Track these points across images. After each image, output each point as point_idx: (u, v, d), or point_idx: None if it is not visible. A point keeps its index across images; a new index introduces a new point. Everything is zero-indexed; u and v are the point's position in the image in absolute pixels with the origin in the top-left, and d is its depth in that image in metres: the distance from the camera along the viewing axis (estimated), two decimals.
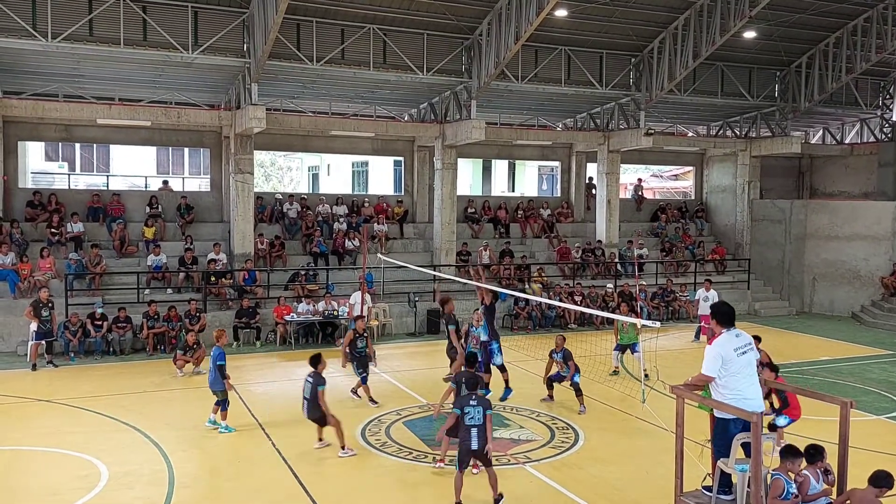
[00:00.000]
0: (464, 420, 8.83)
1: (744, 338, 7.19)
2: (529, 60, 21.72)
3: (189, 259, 20.23)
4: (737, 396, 6.94)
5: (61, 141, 26.04)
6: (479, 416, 8.80)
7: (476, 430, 8.77)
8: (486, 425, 8.83)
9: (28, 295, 17.96)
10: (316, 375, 10.67)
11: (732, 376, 6.99)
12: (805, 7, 21.34)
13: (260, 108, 19.03)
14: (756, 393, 7.07)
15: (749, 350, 7.15)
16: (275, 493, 9.38)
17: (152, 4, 17.86)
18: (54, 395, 13.84)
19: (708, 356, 7.10)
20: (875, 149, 28.79)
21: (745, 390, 6.98)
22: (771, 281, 26.93)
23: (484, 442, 8.79)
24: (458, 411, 8.96)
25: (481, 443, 8.78)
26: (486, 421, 8.84)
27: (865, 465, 10.04)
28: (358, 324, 13.76)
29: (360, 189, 36.03)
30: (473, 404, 8.87)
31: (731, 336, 7.14)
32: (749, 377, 7.06)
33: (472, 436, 8.77)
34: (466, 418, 8.81)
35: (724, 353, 7.02)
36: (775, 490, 6.79)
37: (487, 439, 8.83)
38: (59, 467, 10.19)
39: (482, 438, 8.79)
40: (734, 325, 7.25)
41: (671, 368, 14.03)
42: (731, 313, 7.29)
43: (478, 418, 8.80)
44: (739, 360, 7.03)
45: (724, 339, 7.15)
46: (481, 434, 8.79)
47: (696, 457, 7.79)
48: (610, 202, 25.43)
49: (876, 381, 15.66)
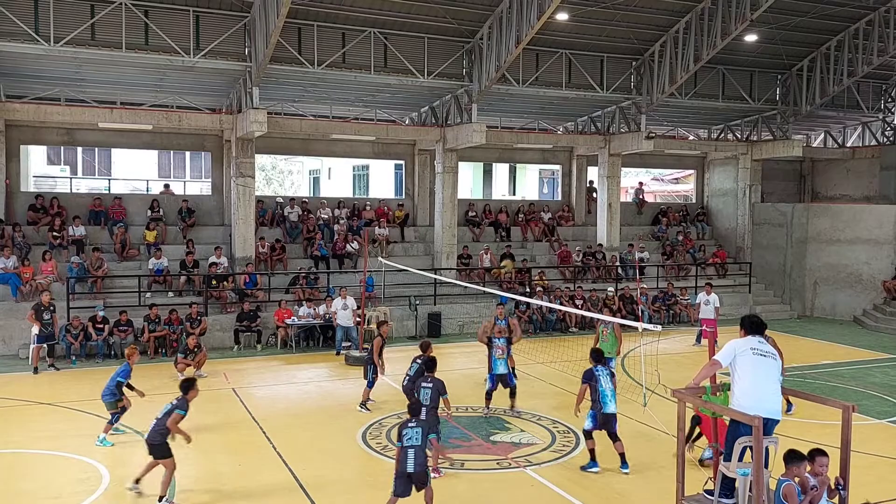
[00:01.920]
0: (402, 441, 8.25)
1: (766, 346, 7.22)
2: (530, 64, 21.75)
3: (190, 262, 20.24)
4: (748, 395, 6.87)
5: (63, 145, 26.05)
6: (418, 437, 8.22)
7: (413, 451, 8.16)
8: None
9: (30, 298, 17.97)
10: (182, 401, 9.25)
11: (745, 373, 6.94)
12: (806, 10, 21.35)
13: (261, 112, 19.07)
14: (769, 394, 6.95)
15: (768, 355, 7.11)
16: (276, 496, 9.37)
17: (154, 8, 17.91)
18: (56, 399, 13.84)
19: (724, 348, 7.17)
20: (877, 152, 28.77)
21: (754, 390, 6.88)
22: (772, 285, 26.91)
23: (422, 465, 8.18)
24: (399, 444, 8.27)
25: (418, 466, 8.14)
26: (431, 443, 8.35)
27: (867, 469, 10.06)
28: (383, 329, 13.54)
29: (360, 193, 36.04)
30: (412, 426, 8.30)
31: (753, 339, 7.19)
32: (763, 378, 6.96)
33: (409, 458, 8.14)
34: (404, 439, 8.22)
35: (738, 346, 7.07)
36: (792, 497, 6.74)
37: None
38: (61, 470, 10.19)
39: (420, 461, 8.16)
40: (762, 334, 7.29)
41: (672, 372, 14.01)
42: (756, 325, 7.32)
43: (416, 439, 8.21)
44: (753, 358, 7.01)
45: (745, 339, 7.21)
46: (419, 456, 8.16)
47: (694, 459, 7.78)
48: (611, 205, 25.44)
49: (878, 385, 15.64)
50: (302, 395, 14.58)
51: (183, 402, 9.17)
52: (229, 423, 12.47)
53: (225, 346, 18.84)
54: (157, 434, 9.05)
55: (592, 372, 10.28)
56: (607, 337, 14.20)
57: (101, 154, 36.38)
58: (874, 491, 9.38)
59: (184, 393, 9.24)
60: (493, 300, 21.68)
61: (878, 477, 10.11)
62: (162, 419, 9.06)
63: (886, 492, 9.58)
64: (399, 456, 8.22)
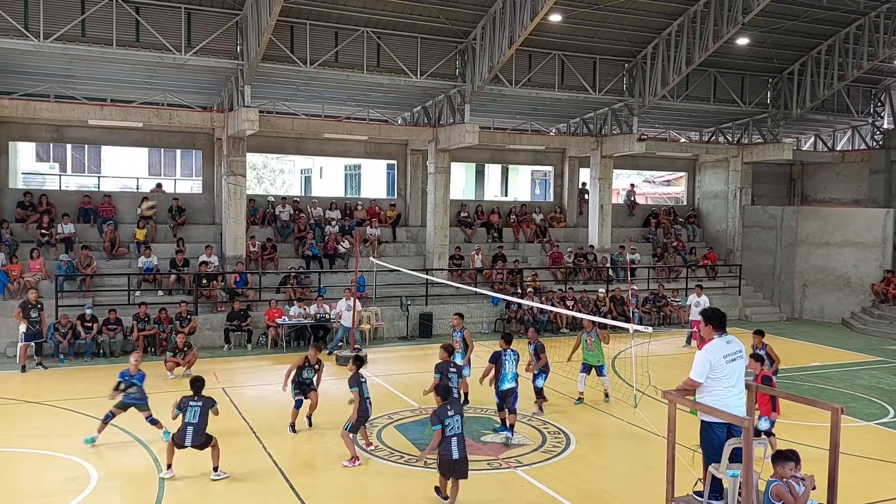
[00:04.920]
0: (444, 432, 8.66)
1: (735, 344, 7.22)
2: (523, 65, 21.76)
3: (180, 261, 20.15)
4: (718, 403, 6.98)
5: (52, 141, 25.91)
6: (458, 425, 8.72)
7: (456, 439, 8.67)
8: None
9: (18, 296, 17.85)
10: (205, 399, 10.00)
11: (717, 381, 7.04)
12: (798, 14, 21.45)
13: (253, 111, 19.01)
14: (739, 402, 7.11)
15: (739, 357, 7.19)
16: (266, 496, 9.34)
17: (145, 5, 17.82)
18: (43, 397, 13.75)
19: (697, 361, 7.14)
20: (866, 156, 28.94)
21: (727, 398, 7.01)
22: (762, 287, 27.02)
23: (465, 450, 8.75)
24: (439, 426, 8.67)
25: (462, 452, 8.70)
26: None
27: (856, 471, 10.11)
28: (310, 354, 12.27)
29: (352, 192, 35.99)
30: (451, 414, 8.74)
31: (722, 342, 7.18)
32: (735, 386, 7.10)
33: (453, 446, 8.64)
34: (447, 430, 8.65)
35: (712, 359, 7.06)
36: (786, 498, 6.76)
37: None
38: (49, 469, 10.12)
39: (463, 448, 8.70)
40: (726, 330, 7.28)
41: (662, 373, 14.05)
42: (722, 318, 7.34)
43: (457, 428, 8.70)
44: (727, 367, 7.07)
45: (714, 344, 7.18)
46: (461, 443, 8.68)
47: (687, 462, 7.79)
48: (602, 207, 25.49)
49: (866, 388, 15.72)
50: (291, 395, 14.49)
51: (208, 400, 9.91)
52: (219, 423, 12.39)
53: (215, 346, 18.76)
54: (201, 434, 9.72)
55: (500, 354, 11.67)
56: (592, 346, 13.69)
57: (90, 151, 36.23)
58: (862, 493, 9.44)
59: (201, 389, 9.97)
60: (485, 301, 21.75)
61: (867, 479, 10.15)
62: (201, 422, 9.70)
63: (875, 493, 9.63)
64: (440, 445, 8.59)
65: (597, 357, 13.71)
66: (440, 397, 8.93)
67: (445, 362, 11.57)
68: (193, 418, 9.68)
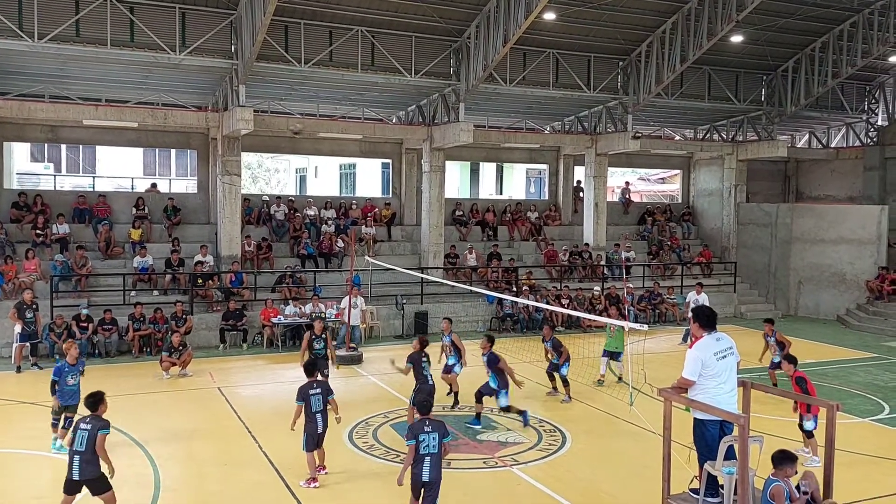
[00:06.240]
0: (418, 448, 7.85)
1: (725, 341, 7.25)
2: (518, 63, 21.76)
3: (175, 261, 20.12)
4: (710, 400, 7.01)
5: (47, 142, 25.84)
6: (434, 443, 7.85)
7: (429, 459, 7.82)
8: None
9: (13, 296, 17.80)
10: (95, 419, 8.02)
11: (709, 379, 7.07)
12: (792, 12, 21.48)
13: (247, 110, 18.96)
14: (731, 399, 7.14)
15: (729, 354, 7.21)
16: (261, 496, 9.33)
17: (139, 5, 17.77)
18: (39, 398, 13.69)
19: (688, 360, 7.18)
20: (860, 153, 29.03)
21: (719, 395, 7.04)
22: (757, 284, 27.08)
23: (438, 473, 7.87)
24: (413, 442, 7.89)
25: (434, 474, 7.84)
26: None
27: (851, 468, 10.14)
28: (316, 325, 14.04)
29: (347, 191, 35.93)
30: (428, 430, 7.89)
31: (712, 340, 7.22)
32: (726, 383, 7.12)
33: (426, 466, 7.81)
34: (422, 447, 7.83)
35: (704, 357, 7.10)
36: (780, 498, 6.77)
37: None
38: (44, 470, 10.11)
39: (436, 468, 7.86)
40: (715, 328, 7.31)
41: (658, 371, 14.06)
42: (712, 316, 7.38)
43: (433, 446, 7.84)
44: (718, 365, 7.10)
45: (704, 342, 7.22)
46: (435, 463, 7.84)
47: (683, 460, 7.81)
48: (597, 205, 25.51)
49: (861, 384, 15.77)
50: (288, 394, 14.34)
51: (101, 421, 8.00)
52: (214, 423, 12.41)
53: (210, 345, 18.74)
54: (90, 467, 7.81)
55: (418, 356, 11.99)
56: (615, 333, 15.04)
57: (85, 151, 36.12)
58: (858, 489, 9.47)
59: (93, 411, 8.06)
60: (481, 299, 21.76)
61: (862, 475, 10.18)
62: (87, 450, 7.79)
63: (869, 490, 9.66)
64: (413, 461, 7.83)
65: (615, 344, 15.20)
66: (419, 412, 8.22)
67: (417, 352, 12.04)
68: (80, 445, 7.82)
